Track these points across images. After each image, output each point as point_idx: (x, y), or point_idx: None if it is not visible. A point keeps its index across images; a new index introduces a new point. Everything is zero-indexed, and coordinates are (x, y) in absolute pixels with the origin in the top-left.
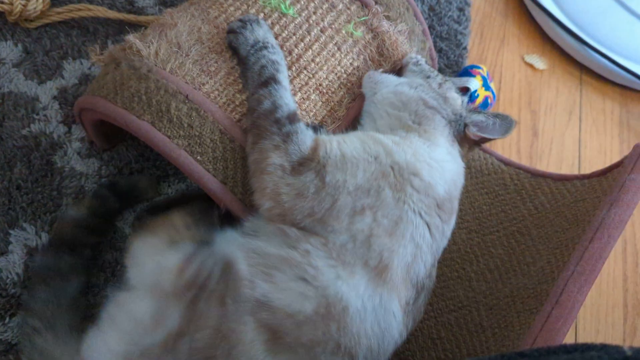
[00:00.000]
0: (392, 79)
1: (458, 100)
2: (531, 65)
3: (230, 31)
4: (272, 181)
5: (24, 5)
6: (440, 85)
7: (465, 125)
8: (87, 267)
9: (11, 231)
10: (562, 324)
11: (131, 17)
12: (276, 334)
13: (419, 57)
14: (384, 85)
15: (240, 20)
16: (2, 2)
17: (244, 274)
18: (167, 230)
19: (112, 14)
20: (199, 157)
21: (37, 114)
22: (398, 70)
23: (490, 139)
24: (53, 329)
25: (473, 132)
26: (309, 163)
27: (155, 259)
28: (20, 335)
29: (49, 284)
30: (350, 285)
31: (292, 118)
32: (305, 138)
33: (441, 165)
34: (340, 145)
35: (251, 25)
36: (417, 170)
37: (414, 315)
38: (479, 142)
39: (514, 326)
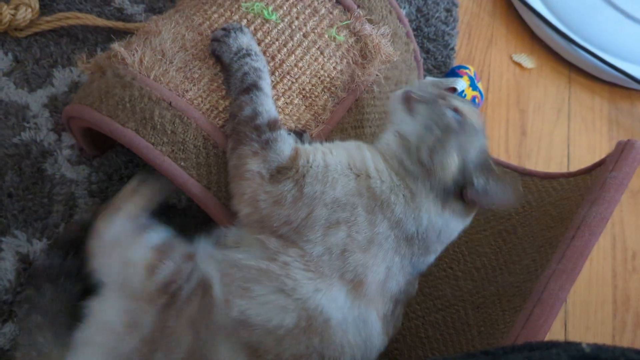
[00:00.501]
0: (397, 115)
1: (452, 167)
2: (519, 65)
3: (214, 39)
4: (250, 187)
5: (12, 15)
6: (430, 153)
7: (464, 187)
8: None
9: (2, 238)
10: (543, 322)
11: (119, 24)
12: (256, 352)
13: (429, 79)
14: (389, 120)
15: (224, 29)
16: None
17: (219, 296)
18: (127, 198)
19: (101, 22)
20: (182, 163)
21: (28, 122)
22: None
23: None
24: (54, 328)
25: (471, 195)
26: (287, 172)
27: (120, 254)
28: (20, 330)
29: (55, 282)
30: (329, 297)
31: (273, 125)
32: (285, 146)
33: (418, 208)
34: (325, 156)
35: (235, 33)
36: (390, 204)
37: (394, 323)
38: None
39: (498, 324)
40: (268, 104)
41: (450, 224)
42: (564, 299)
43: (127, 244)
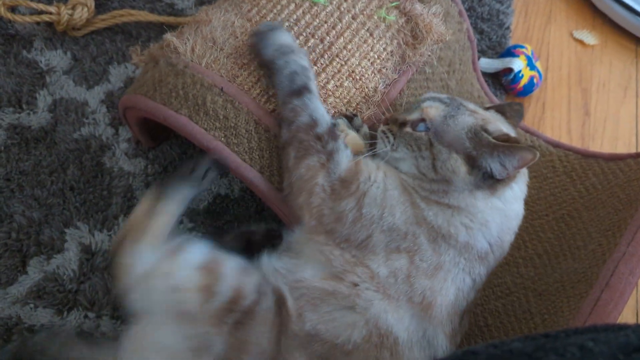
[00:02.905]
0: (392, 165)
1: (461, 168)
2: (581, 41)
3: (254, 35)
4: (316, 202)
5: (70, 15)
6: (433, 168)
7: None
8: None
9: (66, 230)
10: (612, 308)
11: (171, 19)
12: None
13: (390, 138)
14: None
15: (265, 25)
16: (51, 13)
17: (292, 310)
18: (144, 229)
19: (153, 17)
20: (235, 148)
21: (87, 118)
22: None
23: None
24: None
25: (499, 176)
26: (349, 186)
27: (163, 282)
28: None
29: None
30: (396, 318)
31: (332, 134)
32: (343, 157)
33: (483, 223)
34: (386, 178)
35: (274, 30)
36: (451, 234)
37: (461, 331)
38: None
39: (563, 312)
40: (322, 108)
41: (509, 215)
42: (635, 283)
43: (165, 270)
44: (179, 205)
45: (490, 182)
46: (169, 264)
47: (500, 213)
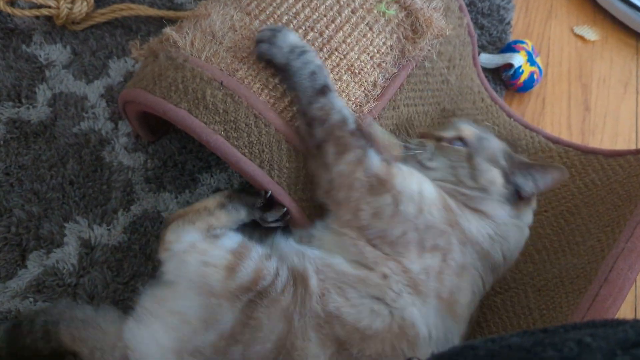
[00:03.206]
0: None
1: (498, 180)
2: (581, 37)
3: (261, 40)
4: (356, 197)
5: (70, 9)
6: (473, 177)
7: (517, 190)
8: None
9: (66, 224)
10: (611, 303)
11: (170, 13)
12: (343, 346)
13: (415, 140)
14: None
15: (269, 30)
16: (50, 7)
17: (315, 289)
18: (202, 216)
19: (153, 12)
20: (235, 142)
21: (86, 112)
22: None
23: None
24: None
25: (526, 193)
26: (385, 184)
27: (197, 257)
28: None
29: None
30: (422, 312)
31: (362, 130)
32: (374, 154)
33: (504, 236)
34: (421, 185)
35: (281, 32)
36: (479, 241)
37: (465, 337)
38: None
39: (562, 307)
40: (344, 104)
41: (524, 236)
42: (633, 279)
43: (203, 248)
44: (231, 222)
45: (515, 199)
46: (207, 244)
47: (519, 231)
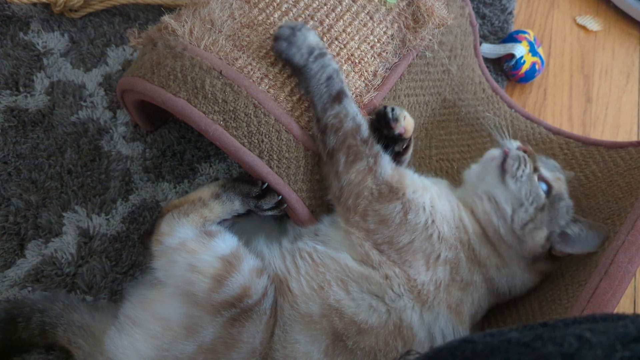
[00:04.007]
0: (488, 181)
1: (541, 241)
2: (584, 27)
3: (279, 37)
4: (364, 204)
5: None
6: (524, 226)
7: (552, 246)
8: None
9: (64, 214)
10: (611, 296)
11: (169, 0)
12: (339, 338)
13: (523, 156)
14: (481, 188)
15: (289, 27)
16: None
17: (304, 288)
18: (196, 208)
19: (152, 0)
20: (234, 132)
21: (85, 101)
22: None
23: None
24: (86, 306)
25: (561, 247)
26: (396, 192)
27: (186, 257)
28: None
29: None
30: (424, 320)
31: (373, 138)
32: (386, 162)
33: (512, 275)
34: (433, 200)
35: (301, 31)
36: (486, 265)
37: None
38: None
39: (561, 299)
40: (358, 110)
41: (531, 279)
42: (633, 272)
43: (193, 248)
44: (226, 213)
45: (543, 262)
46: (198, 244)
47: (527, 281)
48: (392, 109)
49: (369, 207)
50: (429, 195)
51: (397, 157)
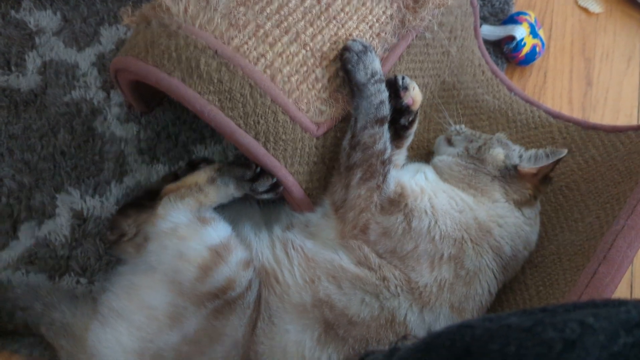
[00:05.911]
0: (441, 149)
1: (499, 156)
2: (585, 9)
3: (350, 49)
4: (366, 217)
5: None
6: (478, 149)
7: (515, 168)
8: None
9: (57, 195)
10: (609, 281)
11: None
12: (330, 326)
13: (459, 126)
14: (436, 154)
15: (362, 44)
16: None
17: (297, 279)
18: (192, 192)
19: None
20: (230, 113)
21: (78, 81)
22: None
23: (549, 169)
24: (67, 301)
25: (525, 168)
26: (398, 204)
27: (176, 243)
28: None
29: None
30: (423, 320)
31: (391, 158)
32: (392, 179)
33: (511, 226)
34: (431, 200)
35: (372, 52)
36: (490, 228)
37: None
38: (544, 177)
39: (559, 284)
40: (389, 136)
41: (526, 225)
42: (632, 257)
43: (184, 234)
44: (221, 198)
45: (513, 175)
46: (189, 230)
47: (526, 225)
48: (403, 77)
49: (371, 219)
50: (427, 197)
51: (402, 131)
